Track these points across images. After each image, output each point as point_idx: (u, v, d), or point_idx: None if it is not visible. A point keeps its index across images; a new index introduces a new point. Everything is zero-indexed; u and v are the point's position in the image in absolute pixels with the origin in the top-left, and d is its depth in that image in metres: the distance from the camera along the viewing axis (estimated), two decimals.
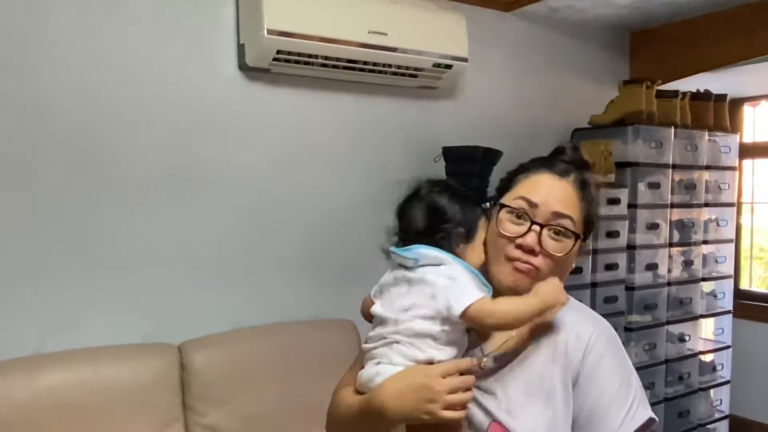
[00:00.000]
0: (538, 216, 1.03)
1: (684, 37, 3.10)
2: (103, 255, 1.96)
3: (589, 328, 1.05)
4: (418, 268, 1.03)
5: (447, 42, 2.38)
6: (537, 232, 1.02)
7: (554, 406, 1.00)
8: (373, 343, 1.05)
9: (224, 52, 2.14)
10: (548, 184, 1.05)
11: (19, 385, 1.71)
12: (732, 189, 3.24)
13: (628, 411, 0.99)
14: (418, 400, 0.94)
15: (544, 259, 1.02)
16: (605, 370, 1.01)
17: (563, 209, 1.03)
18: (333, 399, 1.13)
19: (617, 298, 2.75)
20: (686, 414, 3.04)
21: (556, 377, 1.01)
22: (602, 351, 1.02)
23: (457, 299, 0.98)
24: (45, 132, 1.85)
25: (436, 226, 1.05)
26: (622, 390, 1.00)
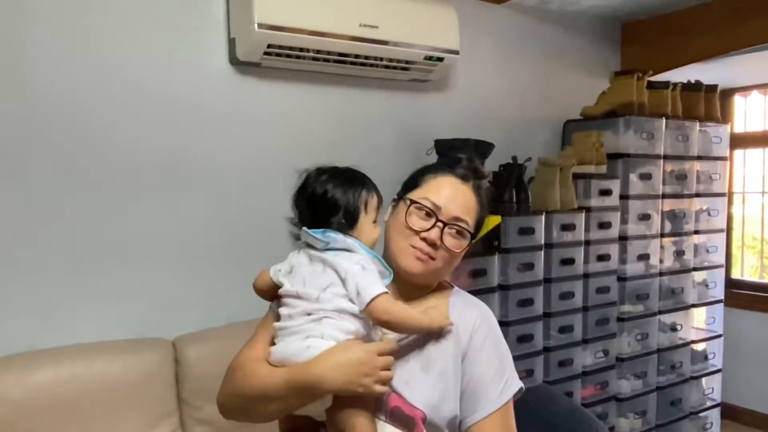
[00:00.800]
0: (442, 215, 1.18)
1: (675, 28, 3.11)
2: (96, 250, 1.95)
3: (474, 312, 1.23)
4: (329, 251, 1.12)
5: (438, 35, 2.38)
6: (440, 229, 1.17)
7: (446, 380, 1.16)
8: (294, 320, 1.10)
9: (215, 47, 2.13)
10: (452, 188, 1.21)
11: (13, 381, 1.70)
12: (723, 179, 3.26)
13: (505, 383, 1.19)
14: (355, 374, 1.03)
15: (442, 253, 1.18)
16: (487, 350, 1.20)
17: (462, 214, 1.19)
18: (239, 372, 1.17)
19: (609, 289, 2.76)
20: (678, 402, 3.07)
21: (448, 354, 1.17)
22: (485, 332, 1.21)
23: (365, 289, 1.07)
24: (36, 128, 1.84)
25: (323, 215, 1.15)
26: (501, 367, 1.20)
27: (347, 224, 1.15)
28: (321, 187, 1.16)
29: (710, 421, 3.28)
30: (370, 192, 1.19)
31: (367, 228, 1.18)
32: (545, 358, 2.57)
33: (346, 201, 1.15)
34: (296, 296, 1.12)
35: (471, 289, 2.32)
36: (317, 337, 1.07)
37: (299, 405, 1.11)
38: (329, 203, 1.15)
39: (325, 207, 1.15)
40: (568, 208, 2.60)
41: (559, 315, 2.60)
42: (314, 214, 1.16)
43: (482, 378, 1.17)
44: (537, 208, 2.55)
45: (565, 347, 2.63)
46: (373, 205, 1.19)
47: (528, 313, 2.50)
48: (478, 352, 1.19)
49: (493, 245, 2.37)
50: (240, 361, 1.20)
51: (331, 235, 1.13)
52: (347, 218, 1.15)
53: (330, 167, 1.22)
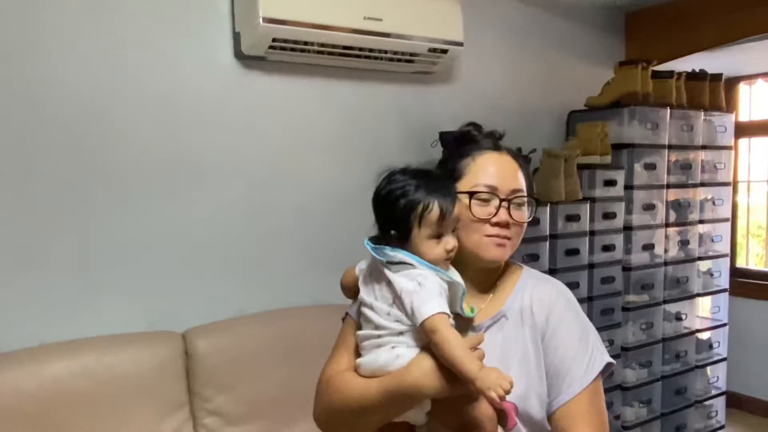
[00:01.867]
0: (500, 194, 1.14)
1: (679, 16, 3.11)
2: (107, 245, 1.98)
3: (548, 291, 1.18)
4: (390, 266, 1.06)
5: (442, 27, 2.39)
6: (506, 208, 1.13)
7: (528, 366, 1.12)
8: (378, 330, 1.07)
9: (220, 42, 2.14)
10: (494, 163, 1.16)
11: (26, 375, 1.73)
12: (728, 168, 3.26)
13: (589, 359, 1.12)
14: (450, 376, 1.00)
15: (514, 229, 1.15)
16: (567, 328, 1.14)
17: (517, 184, 1.16)
18: (330, 386, 1.14)
19: (614, 279, 2.78)
20: (683, 391, 3.09)
21: (528, 339, 1.14)
22: (563, 310, 1.15)
23: (418, 308, 1.01)
24: (44, 125, 1.86)
25: (381, 226, 1.10)
26: (582, 343, 1.13)
27: (400, 237, 1.07)
28: (382, 191, 1.09)
29: (715, 409, 3.30)
30: (428, 202, 1.05)
31: (423, 244, 1.07)
32: None
33: (398, 210, 1.06)
34: (371, 306, 1.08)
35: None
36: (403, 346, 1.05)
37: (397, 413, 1.09)
38: (386, 211, 1.08)
39: (383, 214, 1.09)
40: (572, 199, 2.61)
41: None
42: (378, 222, 1.10)
43: (564, 357, 1.12)
44: (542, 199, 2.56)
45: None
46: (433, 219, 1.06)
47: None
48: (556, 331, 1.13)
49: None
50: (328, 376, 1.16)
51: (387, 252, 1.06)
52: (398, 230, 1.07)
53: (401, 169, 1.11)
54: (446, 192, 1.08)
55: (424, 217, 1.05)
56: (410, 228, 1.06)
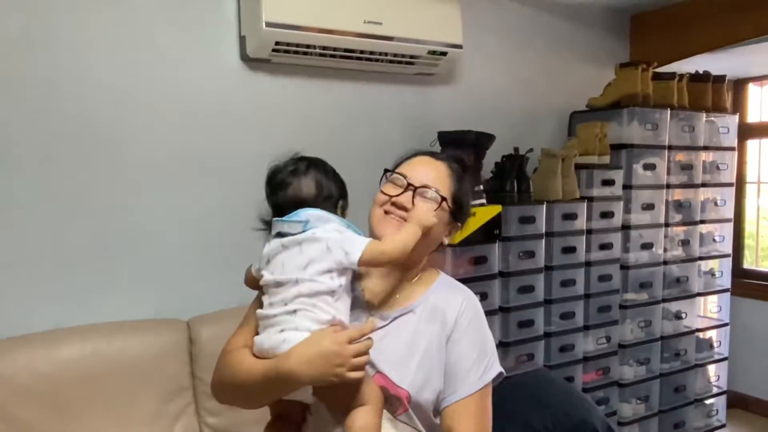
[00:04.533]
0: (414, 182, 1.24)
1: (684, 18, 3.13)
2: (118, 237, 2.09)
3: (460, 298, 1.27)
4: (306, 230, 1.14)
5: (442, 30, 2.46)
6: (411, 192, 1.23)
7: (430, 361, 1.21)
8: (273, 308, 1.12)
9: (227, 44, 2.24)
10: (424, 163, 1.29)
11: (41, 357, 1.84)
12: (731, 169, 3.27)
13: (485, 367, 1.24)
14: (327, 365, 1.05)
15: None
16: (471, 333, 1.24)
17: (432, 182, 1.25)
18: (225, 360, 1.21)
19: (611, 277, 2.83)
20: (682, 389, 3.12)
21: (434, 335, 1.22)
22: (471, 316, 1.26)
23: (350, 247, 1.12)
24: (60, 123, 1.97)
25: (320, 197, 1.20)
26: (482, 352, 1.24)
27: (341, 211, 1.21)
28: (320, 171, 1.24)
29: (716, 408, 3.33)
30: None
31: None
32: (546, 343, 2.65)
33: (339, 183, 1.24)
34: (276, 284, 1.13)
35: (471, 275, 2.42)
36: (292, 330, 1.09)
37: (281, 395, 1.15)
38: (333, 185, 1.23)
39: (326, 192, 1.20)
40: (570, 198, 2.66)
41: (560, 302, 2.68)
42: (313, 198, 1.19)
43: (464, 360, 1.22)
44: (539, 197, 2.62)
45: (567, 333, 2.70)
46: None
47: (529, 300, 2.58)
48: (462, 335, 1.23)
49: (494, 233, 2.45)
50: (227, 349, 1.24)
51: (307, 212, 1.15)
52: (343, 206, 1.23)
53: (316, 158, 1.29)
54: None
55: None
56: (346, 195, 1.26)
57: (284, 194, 1.20)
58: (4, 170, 1.90)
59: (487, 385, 1.23)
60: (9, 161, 1.91)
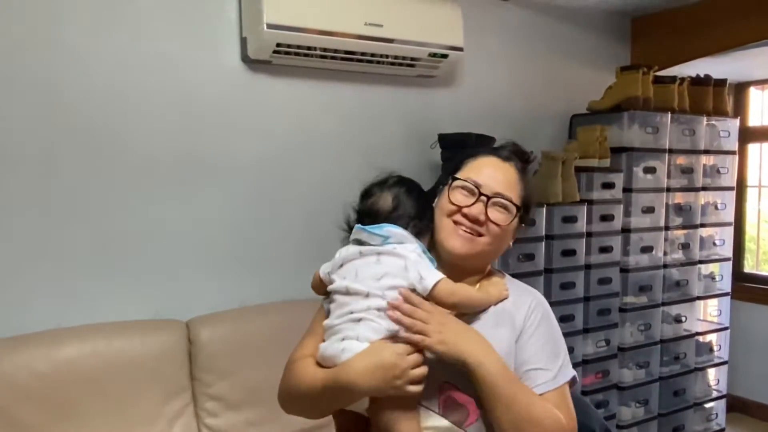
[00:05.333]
0: (485, 190, 1.18)
1: (686, 22, 3.13)
2: (118, 238, 2.10)
3: (529, 298, 1.23)
4: (386, 245, 1.13)
5: (442, 32, 2.46)
6: (484, 203, 1.17)
7: None
8: (338, 318, 1.12)
9: (228, 46, 2.25)
10: (493, 166, 1.21)
11: (41, 356, 1.85)
12: (731, 173, 3.27)
13: (559, 369, 1.17)
14: (386, 378, 1.04)
15: (489, 228, 1.17)
16: (542, 333, 1.19)
17: (504, 190, 1.19)
18: (290, 370, 1.20)
19: (611, 280, 2.82)
20: (682, 393, 3.12)
21: (504, 340, 1.16)
22: (540, 317, 1.21)
23: (427, 273, 1.11)
24: (62, 124, 1.98)
25: (399, 213, 1.17)
26: (555, 352, 1.19)
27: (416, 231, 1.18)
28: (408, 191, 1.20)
29: (715, 412, 3.32)
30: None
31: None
32: None
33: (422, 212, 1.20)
34: (345, 292, 1.13)
35: None
36: (353, 339, 1.09)
37: (342, 405, 1.14)
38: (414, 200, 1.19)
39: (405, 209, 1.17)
40: (569, 201, 2.66)
41: (560, 304, 2.67)
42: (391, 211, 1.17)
43: (536, 361, 1.15)
44: (539, 200, 2.62)
45: (566, 336, 2.63)
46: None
47: None
48: (531, 336, 1.17)
49: None
50: (292, 359, 1.22)
51: (389, 229, 1.14)
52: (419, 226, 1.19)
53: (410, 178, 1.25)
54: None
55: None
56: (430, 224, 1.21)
57: (365, 203, 1.21)
58: (6, 170, 1.91)
59: (563, 386, 1.16)
60: (10, 161, 1.91)
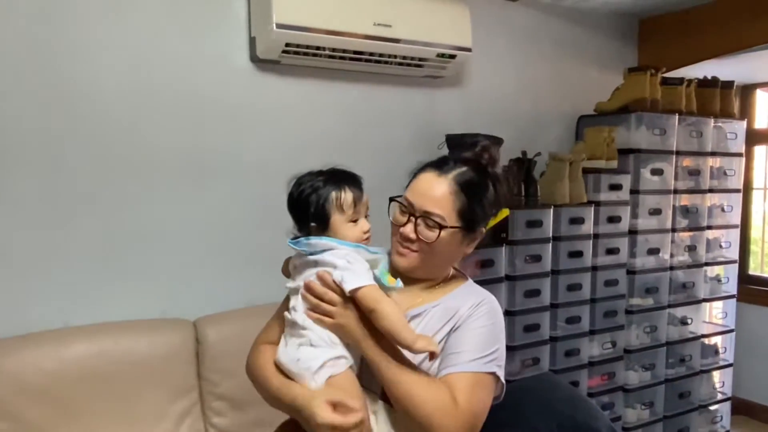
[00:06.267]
0: (416, 210, 1.24)
1: (693, 24, 3.12)
2: (125, 237, 2.10)
3: (479, 299, 1.27)
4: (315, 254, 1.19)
5: (451, 33, 2.46)
6: (413, 223, 1.24)
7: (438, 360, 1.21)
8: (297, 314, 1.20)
9: (237, 46, 2.24)
10: (427, 182, 1.25)
11: (49, 354, 1.85)
12: (738, 175, 3.27)
13: (482, 357, 1.19)
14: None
15: (421, 245, 1.24)
16: (477, 326, 1.22)
17: (432, 207, 1.22)
18: (252, 354, 1.33)
19: (618, 282, 2.82)
20: (687, 395, 3.11)
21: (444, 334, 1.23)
22: (482, 313, 1.24)
23: (349, 280, 1.13)
24: (70, 123, 1.98)
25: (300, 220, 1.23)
26: (484, 343, 1.21)
27: (320, 226, 1.20)
28: (294, 193, 1.23)
29: (720, 414, 3.32)
30: (340, 190, 1.20)
31: (343, 227, 1.21)
32: (552, 347, 2.64)
33: (314, 203, 1.19)
34: (296, 290, 1.22)
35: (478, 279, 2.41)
36: (307, 345, 1.17)
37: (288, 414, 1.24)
38: (301, 207, 1.21)
39: (300, 212, 1.21)
40: (577, 202, 2.66)
41: (566, 306, 2.67)
42: (296, 221, 1.24)
43: (458, 346, 1.19)
44: (546, 201, 2.62)
45: (572, 338, 2.70)
46: (348, 202, 1.20)
47: (535, 304, 2.57)
48: (466, 327, 1.22)
49: (501, 237, 2.45)
50: (257, 342, 1.35)
51: (310, 241, 1.19)
52: (318, 220, 1.20)
53: (307, 172, 1.26)
54: (355, 182, 1.23)
55: (340, 203, 1.19)
56: (329, 216, 1.19)
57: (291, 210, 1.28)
58: (15, 169, 1.91)
59: (476, 374, 1.17)
60: (20, 160, 1.91)
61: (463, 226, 1.25)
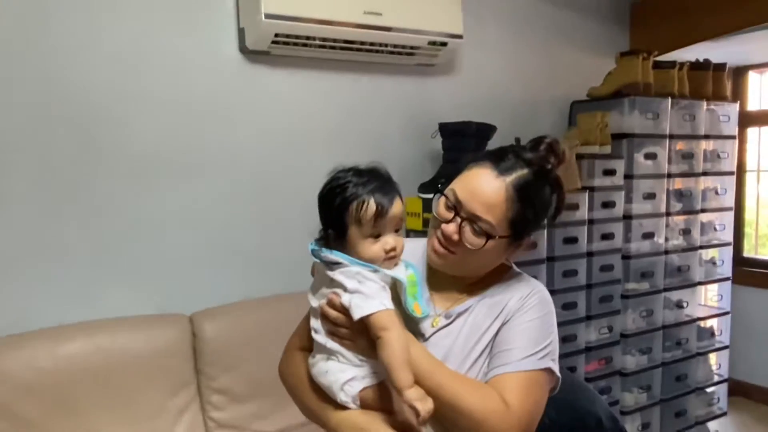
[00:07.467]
0: (463, 210, 1.11)
1: (684, 6, 3.11)
2: (120, 233, 2.08)
3: (528, 289, 1.18)
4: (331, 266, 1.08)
5: (442, 20, 2.44)
6: (457, 224, 1.12)
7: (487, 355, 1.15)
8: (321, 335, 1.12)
9: (225, 37, 2.22)
10: (481, 182, 1.11)
11: (44, 352, 1.84)
12: (731, 158, 3.27)
13: (534, 353, 1.11)
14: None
15: (462, 248, 1.12)
16: (528, 319, 1.14)
17: (483, 212, 1.10)
18: (287, 359, 1.28)
19: (613, 267, 2.82)
20: (684, 378, 3.13)
21: (494, 329, 1.15)
22: (533, 305, 1.16)
23: (357, 305, 1.02)
24: (60, 118, 1.96)
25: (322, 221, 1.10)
26: (536, 338, 1.12)
27: (338, 235, 1.06)
28: (323, 189, 1.09)
29: (717, 396, 3.34)
30: (362, 200, 1.04)
31: (360, 243, 1.06)
32: None
33: (333, 208, 1.06)
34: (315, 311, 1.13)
35: None
36: (335, 360, 1.10)
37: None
38: (321, 209, 1.09)
39: (321, 212, 1.09)
40: (571, 188, 2.65)
41: (562, 292, 2.67)
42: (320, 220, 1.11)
43: (509, 342, 1.11)
44: None
45: (569, 323, 2.70)
46: (368, 216, 1.04)
47: None
48: (517, 321, 1.14)
49: None
50: (290, 345, 1.30)
51: (322, 252, 1.08)
52: (335, 229, 1.06)
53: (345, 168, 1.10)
54: (386, 191, 1.06)
55: (359, 215, 1.03)
56: (346, 226, 1.04)
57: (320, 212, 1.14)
58: (5, 166, 1.89)
59: (529, 372, 1.09)
60: (10, 157, 1.89)
61: (512, 234, 1.13)
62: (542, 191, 1.15)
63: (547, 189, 1.16)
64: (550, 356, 1.14)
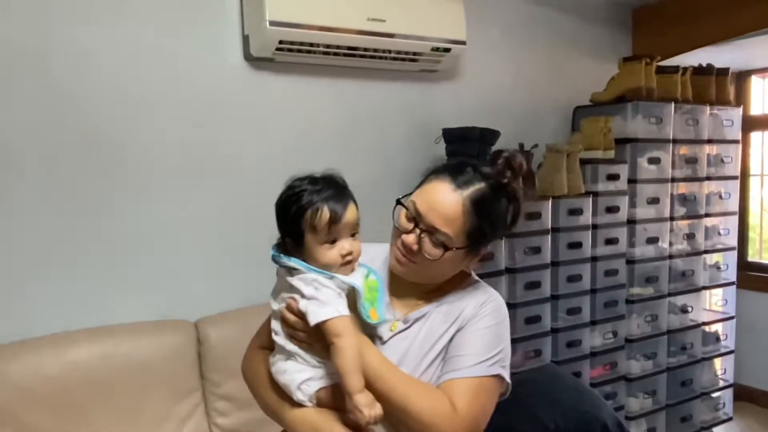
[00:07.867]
0: (423, 222, 1.15)
1: (686, 11, 3.12)
2: (125, 240, 2.08)
3: (484, 297, 1.23)
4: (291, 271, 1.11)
5: (445, 26, 2.45)
6: (417, 235, 1.16)
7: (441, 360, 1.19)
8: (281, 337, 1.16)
9: (230, 44, 2.23)
10: (439, 195, 1.15)
11: (50, 359, 1.84)
12: (735, 162, 3.27)
13: (485, 360, 1.15)
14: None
15: (421, 257, 1.16)
16: (482, 326, 1.18)
17: (442, 225, 1.14)
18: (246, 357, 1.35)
19: (618, 272, 2.82)
20: (689, 383, 3.12)
21: (449, 334, 1.19)
22: (487, 312, 1.20)
23: (313, 312, 1.06)
24: (65, 124, 1.97)
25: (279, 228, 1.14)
26: (488, 345, 1.17)
27: (295, 242, 1.10)
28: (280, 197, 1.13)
29: (722, 401, 3.33)
30: (314, 207, 1.07)
31: (316, 249, 1.09)
32: (553, 338, 2.64)
33: (288, 216, 1.09)
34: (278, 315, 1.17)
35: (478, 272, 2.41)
36: (294, 361, 1.14)
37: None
38: (278, 217, 1.12)
39: (277, 220, 1.13)
40: (575, 193, 2.66)
41: (566, 297, 2.67)
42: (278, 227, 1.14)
43: (461, 348, 1.16)
44: (544, 193, 2.62)
45: (573, 328, 2.70)
46: (322, 223, 1.07)
47: (535, 296, 2.57)
48: (473, 326, 1.18)
49: None
50: (251, 346, 1.36)
51: (281, 259, 1.11)
52: (291, 236, 1.10)
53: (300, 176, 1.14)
54: (340, 197, 1.09)
55: (314, 222, 1.06)
56: (303, 233, 1.08)
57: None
58: (11, 173, 1.90)
59: (479, 379, 1.13)
60: (15, 164, 1.90)
61: (470, 245, 1.17)
62: (498, 204, 1.18)
63: (503, 202, 1.19)
64: (500, 363, 1.17)
